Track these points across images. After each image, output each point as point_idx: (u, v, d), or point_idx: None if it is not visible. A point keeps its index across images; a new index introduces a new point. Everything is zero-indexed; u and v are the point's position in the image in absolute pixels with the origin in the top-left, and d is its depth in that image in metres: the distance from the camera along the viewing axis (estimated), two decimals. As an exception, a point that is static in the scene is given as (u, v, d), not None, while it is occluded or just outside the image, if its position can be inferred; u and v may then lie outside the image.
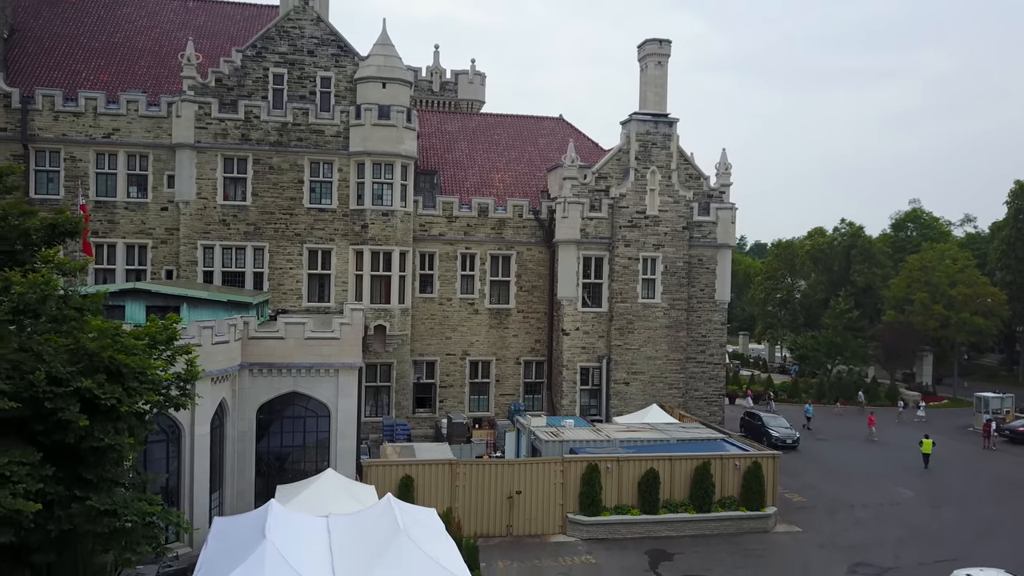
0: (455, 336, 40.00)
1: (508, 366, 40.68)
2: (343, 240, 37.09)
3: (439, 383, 39.92)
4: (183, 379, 15.85)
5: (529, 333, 40.76)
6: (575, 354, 38.89)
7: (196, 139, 35.50)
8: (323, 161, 36.88)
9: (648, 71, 40.89)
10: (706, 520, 27.52)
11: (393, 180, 36.84)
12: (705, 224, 40.09)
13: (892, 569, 24.78)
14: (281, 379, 25.07)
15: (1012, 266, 67.70)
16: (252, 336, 24.59)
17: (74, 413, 13.14)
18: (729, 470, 28.34)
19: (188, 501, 21.97)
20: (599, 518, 26.77)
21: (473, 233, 39.70)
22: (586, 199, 38.55)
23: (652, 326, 39.07)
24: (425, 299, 39.49)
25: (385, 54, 37.21)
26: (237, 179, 36.29)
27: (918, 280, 60.90)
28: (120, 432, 13.89)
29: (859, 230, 73.58)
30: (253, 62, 36.73)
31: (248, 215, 36.27)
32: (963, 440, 45.94)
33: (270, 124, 36.27)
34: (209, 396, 22.22)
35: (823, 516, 30.29)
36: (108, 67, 38.66)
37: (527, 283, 40.62)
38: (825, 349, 59.70)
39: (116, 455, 13.97)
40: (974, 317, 58.22)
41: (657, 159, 39.03)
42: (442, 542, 18.44)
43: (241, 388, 24.54)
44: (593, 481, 26.94)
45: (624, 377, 38.81)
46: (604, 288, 39.06)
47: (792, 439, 42.35)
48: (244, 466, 25.12)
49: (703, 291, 40.17)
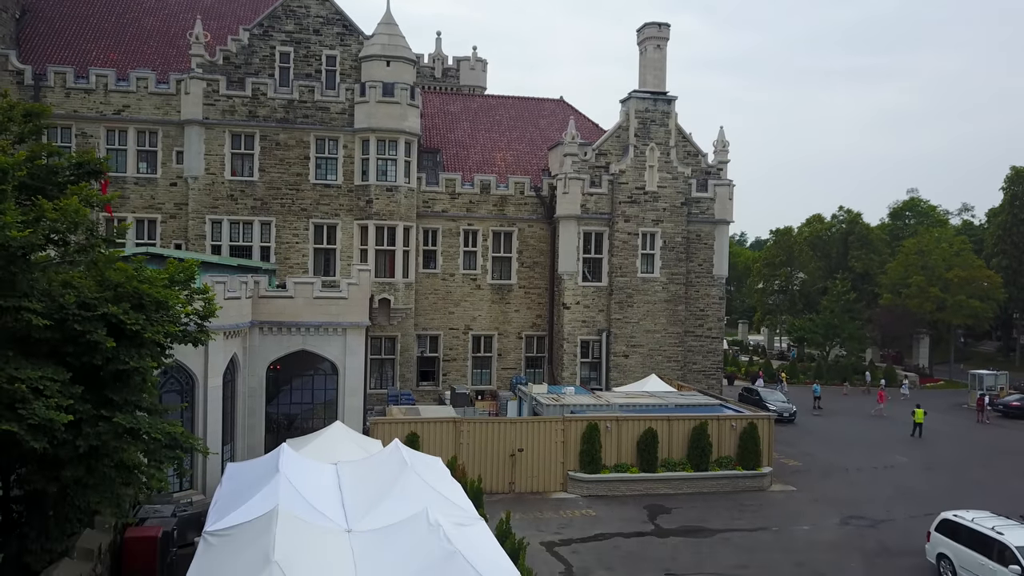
0: (458, 311, 40.76)
1: (510, 340, 41.44)
2: (348, 215, 37.86)
3: (442, 357, 40.69)
4: (201, 316, 16.60)
5: (530, 308, 41.53)
6: (575, 327, 39.65)
7: (204, 116, 36.28)
8: (328, 138, 37.65)
9: (648, 54, 41.62)
10: (703, 478, 28.27)
11: (397, 156, 37.61)
12: (703, 200, 40.85)
13: (884, 521, 25.54)
14: (290, 337, 25.85)
15: (1008, 251, 68.42)
16: (262, 295, 25.37)
17: (101, 336, 13.89)
18: (726, 431, 29.09)
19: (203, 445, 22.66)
20: (599, 475, 27.53)
21: (475, 210, 40.45)
22: (586, 175, 39.30)
23: (651, 300, 39.82)
24: (428, 274, 40.25)
25: (389, 33, 37.99)
26: (244, 155, 37.06)
27: (914, 264, 61.61)
28: (143, 357, 14.64)
29: (857, 217, 74.31)
30: (260, 41, 37.52)
31: (255, 190, 37.05)
32: (957, 415, 46.70)
33: (277, 101, 37.04)
34: (221, 350, 22.99)
35: (818, 478, 31.06)
36: (117, 47, 39.46)
37: (528, 259, 41.38)
38: (823, 331, 60.44)
39: (140, 378, 14.73)
40: (970, 300, 58.92)
41: (656, 136, 39.78)
42: (448, 482, 19.16)
43: (251, 346, 25.32)
44: (593, 440, 27.69)
45: (624, 350, 39.57)
46: (604, 263, 39.82)
47: (789, 413, 43.12)
48: (255, 423, 25.89)
49: (701, 266, 40.92)
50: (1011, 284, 66.28)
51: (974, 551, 19.35)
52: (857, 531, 24.52)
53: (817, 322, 61.59)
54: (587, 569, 20.58)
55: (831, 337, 60.57)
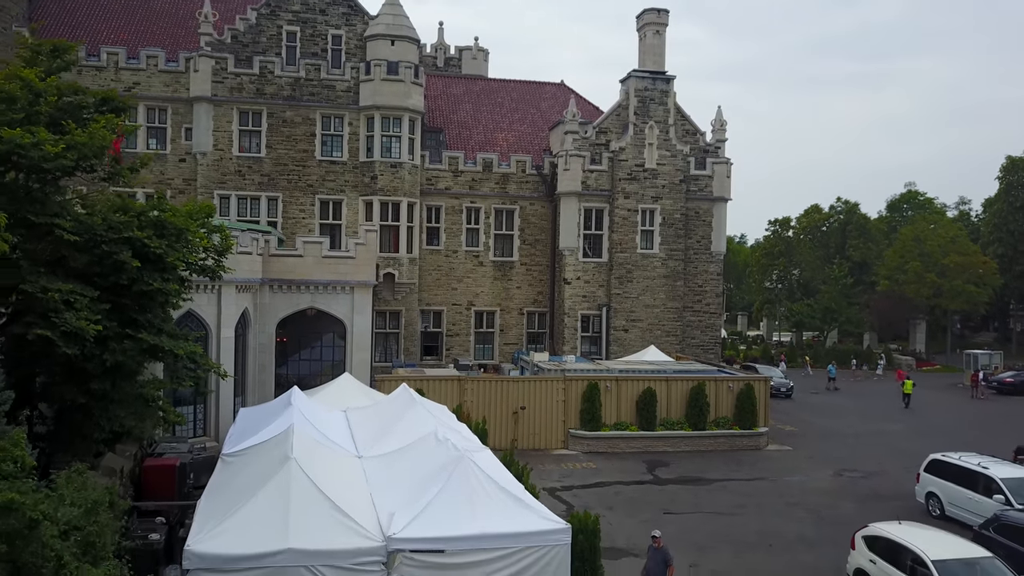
0: (461, 287, 41.50)
1: (512, 316, 42.19)
2: (353, 191, 38.64)
3: (446, 332, 41.43)
4: (218, 251, 17.37)
5: (532, 285, 42.28)
6: (576, 302, 40.39)
7: (213, 93, 37.09)
8: (334, 115, 38.45)
9: (647, 40, 42.42)
10: (701, 437, 28.99)
11: (401, 133, 38.41)
12: (701, 178, 41.63)
13: (876, 473, 26.26)
14: (299, 295, 26.63)
15: (1004, 239, 69.16)
16: (272, 254, 26.15)
17: (127, 256, 14.67)
18: (723, 392, 29.83)
19: (215, 398, 23.47)
20: (600, 433, 28.26)
21: (478, 187, 41.23)
22: (587, 152, 40.10)
23: (650, 276, 40.57)
24: (432, 251, 41.00)
25: (394, 13, 38.83)
26: (252, 132, 37.86)
27: (911, 250, 62.34)
28: (166, 281, 15.41)
29: (854, 207, 75.04)
30: (267, 20, 38.37)
31: (263, 166, 37.84)
32: (953, 393, 47.40)
33: (284, 79, 37.86)
34: (234, 302, 23.75)
35: (813, 440, 31.79)
36: (127, 27, 40.31)
37: (530, 237, 42.14)
38: (820, 315, 61.15)
39: (163, 299, 15.50)
40: (966, 285, 59.64)
41: (655, 115, 40.58)
42: (454, 421, 19.88)
43: (262, 302, 26.09)
44: (593, 399, 28.43)
45: (623, 324, 40.30)
46: (604, 239, 40.58)
47: (787, 388, 43.85)
48: (265, 379, 26.63)
49: (699, 242, 41.68)
50: (1006, 271, 66.98)
51: (961, 486, 20.09)
52: (850, 481, 25.24)
53: (815, 307, 62.30)
54: (588, 506, 21.26)
55: (829, 321, 61.27)
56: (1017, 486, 18.73)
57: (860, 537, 15.70)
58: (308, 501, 12.54)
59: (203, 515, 12.80)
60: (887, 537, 14.89)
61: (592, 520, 13.84)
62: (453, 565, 12.24)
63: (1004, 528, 15.95)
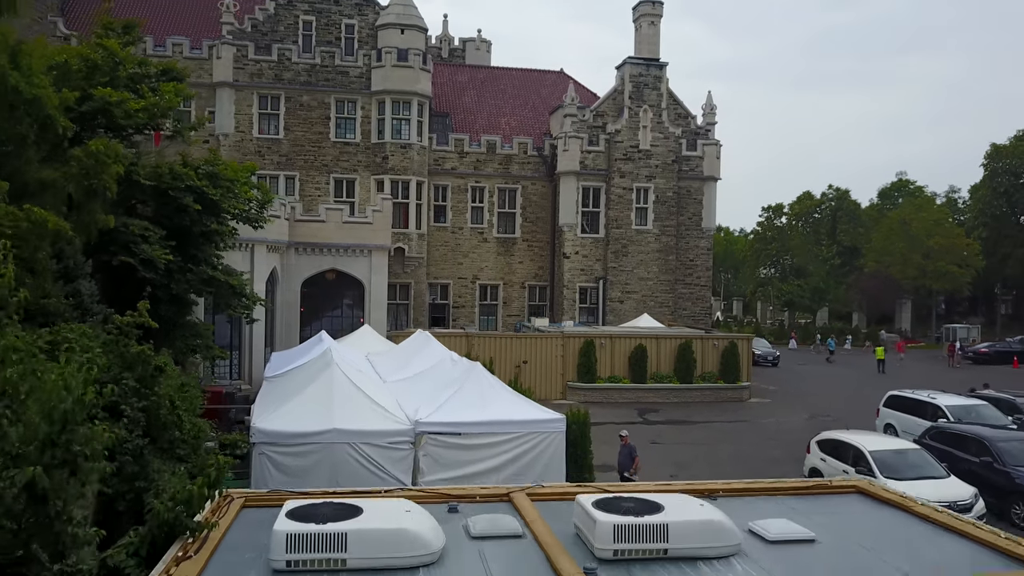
0: (466, 262, 44.13)
1: (514, 290, 44.82)
2: (365, 171, 41.26)
3: (452, 304, 44.07)
4: (260, 202, 20.01)
5: (533, 260, 44.90)
6: (575, 275, 43.01)
7: (234, 78, 39.72)
8: (347, 99, 41.06)
9: (642, 30, 44.99)
10: (689, 389, 31.65)
11: (410, 116, 41.02)
12: (692, 158, 44.22)
13: (846, 416, 28.74)
14: (322, 257, 29.27)
15: (988, 223, 71.63)
16: (297, 219, 28.78)
17: (189, 201, 17.30)
18: (709, 349, 32.48)
19: (248, 348, 26.12)
20: (595, 384, 30.91)
21: (482, 168, 43.84)
22: (585, 134, 42.69)
23: (644, 250, 43.18)
24: (439, 228, 43.61)
25: (403, 3, 41.44)
26: (271, 115, 40.49)
27: (898, 232, 64.84)
28: (221, 224, 18.06)
29: (845, 193, 77.60)
30: (284, 10, 40.99)
31: (281, 147, 40.46)
32: (931, 363, 50.01)
33: (300, 66, 40.47)
34: (264, 260, 26.41)
35: (793, 396, 34.44)
36: (155, 16, 42.77)
37: (531, 215, 44.75)
38: (810, 295, 63.74)
39: (219, 240, 18.13)
40: (949, 266, 62.14)
41: (649, 99, 43.17)
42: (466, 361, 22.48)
43: (288, 263, 28.73)
44: (589, 354, 31.07)
45: (619, 296, 42.93)
46: (601, 216, 43.17)
47: (772, 357, 46.45)
48: (291, 336, 29.25)
49: (691, 219, 44.29)
50: (991, 255, 69.45)
51: (913, 415, 22.73)
52: (822, 422, 27.76)
53: (804, 287, 64.90)
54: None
55: (818, 301, 63.86)
56: (958, 411, 21.37)
57: (814, 442, 18.37)
58: (348, 395, 15.15)
59: (260, 407, 15.46)
60: (835, 439, 17.57)
61: (583, 414, 16.47)
62: (468, 446, 14.85)
63: (938, 435, 18.68)
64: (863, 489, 7.57)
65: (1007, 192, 70.38)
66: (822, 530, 6.21)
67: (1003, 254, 70.85)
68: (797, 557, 5.79)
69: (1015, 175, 70.87)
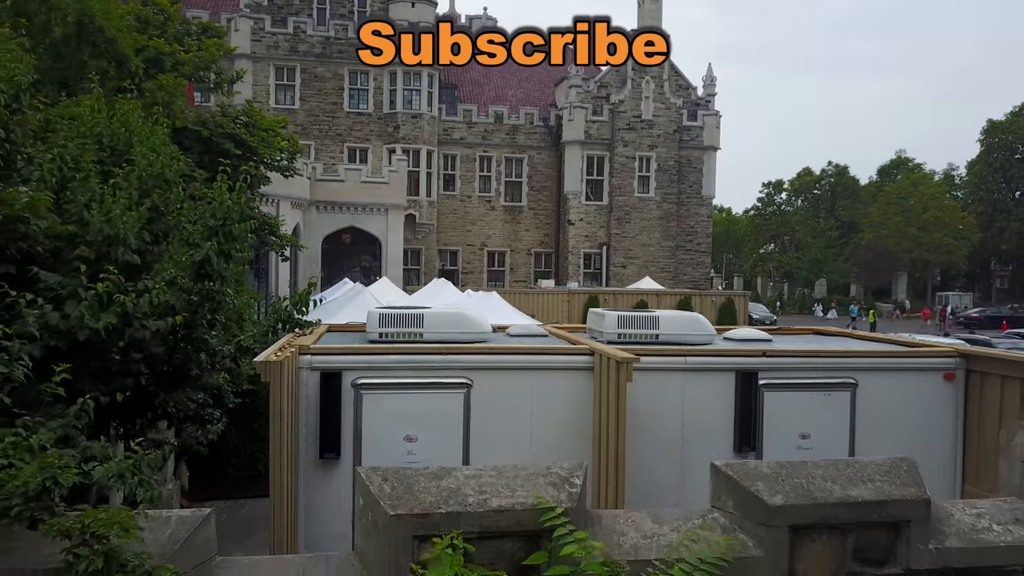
0: (474, 229, 45.80)
1: (520, 256, 46.50)
2: (378, 140, 42.88)
3: (461, 270, 45.76)
4: (291, 152, 21.69)
5: (539, 228, 46.55)
6: (579, 241, 44.67)
7: (252, 50, 41.26)
8: (360, 71, 42.60)
9: (645, 6, 46.33)
10: (688, 342, 33.29)
11: (421, 87, 42.57)
12: (693, 128, 45.75)
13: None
14: (341, 215, 30.98)
15: (984, 198, 73.08)
16: (318, 179, 30.46)
17: (230, 146, 18.97)
18: (707, 304, 34.20)
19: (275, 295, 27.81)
20: (599, 337, 32.59)
21: (490, 138, 45.42)
22: (589, 104, 44.23)
23: (646, 217, 44.80)
24: (448, 196, 45.25)
25: (413, -23, 42.90)
26: (287, 86, 42.09)
27: (894, 206, 66.37)
28: (258, 167, 19.75)
29: (844, 170, 79.00)
30: (300, -16, 42.48)
31: (296, 117, 42.00)
32: (924, 329, 51.60)
33: (315, 38, 42.01)
34: (289, 216, 28.09)
35: (788, 351, 36.10)
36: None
37: (537, 184, 46.36)
38: (808, 266, 65.35)
39: (257, 182, 19.82)
40: (944, 239, 63.70)
41: (651, 70, 44.63)
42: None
43: (309, 220, 30.43)
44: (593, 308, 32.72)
45: (622, 261, 44.60)
46: (605, 184, 44.79)
47: (770, 320, 48.08)
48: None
49: (691, 187, 45.88)
50: (986, 229, 70.96)
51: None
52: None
53: (803, 259, 66.50)
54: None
55: (816, 272, 65.48)
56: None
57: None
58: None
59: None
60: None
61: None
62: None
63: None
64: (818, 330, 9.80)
65: (1003, 167, 71.77)
66: (781, 340, 8.05)
67: (998, 228, 72.31)
68: (752, 345, 7.61)
69: (1011, 150, 72.23)
